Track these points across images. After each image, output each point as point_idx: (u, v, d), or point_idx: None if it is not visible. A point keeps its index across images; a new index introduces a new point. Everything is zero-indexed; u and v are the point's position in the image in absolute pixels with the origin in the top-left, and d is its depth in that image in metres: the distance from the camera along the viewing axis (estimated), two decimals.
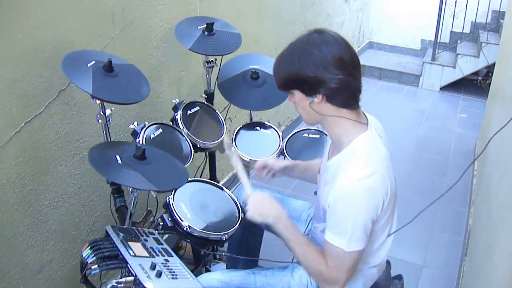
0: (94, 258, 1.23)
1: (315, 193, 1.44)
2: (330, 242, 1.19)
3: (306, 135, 2.09)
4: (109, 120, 1.59)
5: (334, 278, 1.21)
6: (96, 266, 1.22)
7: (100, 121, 1.57)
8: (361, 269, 1.32)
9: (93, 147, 1.44)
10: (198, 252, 1.90)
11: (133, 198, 1.49)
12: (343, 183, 1.15)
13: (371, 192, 1.14)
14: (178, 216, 1.49)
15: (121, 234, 1.34)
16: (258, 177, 1.63)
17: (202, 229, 1.49)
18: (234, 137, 2.03)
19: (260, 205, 1.31)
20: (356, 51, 5.64)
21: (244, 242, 1.76)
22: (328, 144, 1.39)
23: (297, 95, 1.22)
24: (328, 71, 1.13)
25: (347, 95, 1.19)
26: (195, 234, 1.49)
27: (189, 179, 1.65)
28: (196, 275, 1.36)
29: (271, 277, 1.42)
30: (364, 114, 1.28)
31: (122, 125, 1.94)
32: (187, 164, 1.72)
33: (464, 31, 4.90)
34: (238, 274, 1.44)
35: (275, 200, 1.33)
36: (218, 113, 2.05)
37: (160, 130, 1.77)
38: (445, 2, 4.67)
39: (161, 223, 1.52)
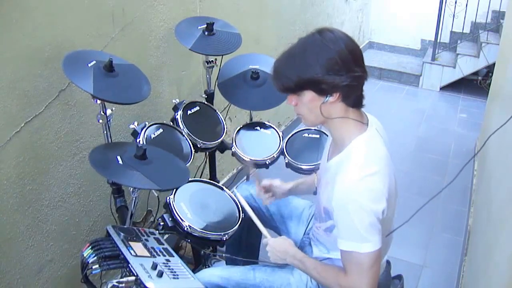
0: (95, 258, 1.23)
1: (315, 193, 1.44)
2: (344, 249, 1.18)
3: (306, 135, 2.09)
4: (109, 120, 1.59)
5: (357, 286, 1.17)
6: (97, 266, 1.22)
7: (100, 121, 1.57)
8: None
9: (93, 148, 1.43)
10: (198, 252, 1.91)
11: (134, 198, 1.49)
12: (344, 183, 1.14)
13: (373, 191, 1.14)
14: (179, 216, 1.49)
15: (122, 234, 1.34)
16: (259, 196, 1.60)
17: (202, 229, 1.49)
18: (234, 137, 2.03)
19: (278, 251, 1.36)
20: None
21: (243, 241, 1.77)
22: (328, 144, 1.39)
23: (309, 95, 1.17)
24: (348, 69, 1.11)
25: (359, 92, 1.19)
26: (195, 234, 1.49)
27: (190, 179, 1.65)
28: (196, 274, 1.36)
29: (271, 274, 1.42)
30: (365, 114, 1.28)
31: (122, 125, 1.94)
32: (187, 164, 1.72)
33: (464, 31, 4.91)
34: (238, 270, 1.45)
35: (287, 240, 1.38)
36: (218, 113, 2.05)
37: (161, 130, 1.77)
38: (445, 2, 4.68)
39: (162, 223, 1.52)
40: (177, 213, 1.50)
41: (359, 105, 1.22)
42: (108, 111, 1.57)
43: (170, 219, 1.51)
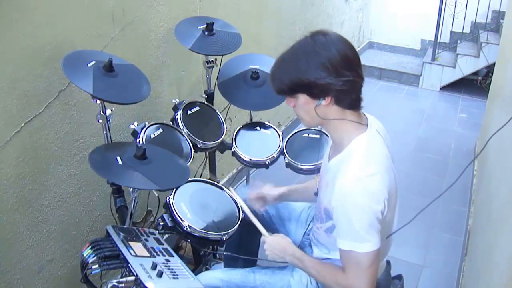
0: (95, 257, 1.23)
1: (316, 193, 1.44)
2: (343, 248, 1.18)
3: (306, 135, 2.09)
4: (109, 120, 1.59)
5: (356, 285, 1.18)
6: (97, 265, 1.22)
7: (100, 121, 1.57)
8: None
9: (93, 150, 1.43)
10: (198, 252, 1.90)
11: (134, 198, 1.49)
12: (344, 183, 1.15)
13: (372, 191, 1.14)
14: (178, 216, 1.49)
15: (122, 234, 1.34)
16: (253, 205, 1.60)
17: (202, 229, 1.49)
18: (234, 137, 2.03)
19: (276, 249, 1.37)
20: None
21: (243, 242, 1.76)
22: (329, 145, 1.39)
23: (302, 98, 1.19)
24: (338, 73, 1.12)
25: (354, 96, 1.19)
26: (195, 234, 1.49)
27: (189, 179, 1.65)
28: (196, 275, 1.36)
29: (271, 276, 1.42)
30: (365, 115, 1.28)
31: (122, 125, 1.94)
32: (187, 164, 1.72)
33: (464, 31, 4.91)
34: (238, 272, 1.45)
35: (285, 238, 1.38)
36: (218, 113, 2.05)
37: (160, 130, 1.77)
38: (445, 2, 4.68)
39: (162, 223, 1.52)
40: (177, 213, 1.50)
41: (356, 107, 1.22)
42: (108, 111, 1.57)
43: (170, 219, 1.51)
